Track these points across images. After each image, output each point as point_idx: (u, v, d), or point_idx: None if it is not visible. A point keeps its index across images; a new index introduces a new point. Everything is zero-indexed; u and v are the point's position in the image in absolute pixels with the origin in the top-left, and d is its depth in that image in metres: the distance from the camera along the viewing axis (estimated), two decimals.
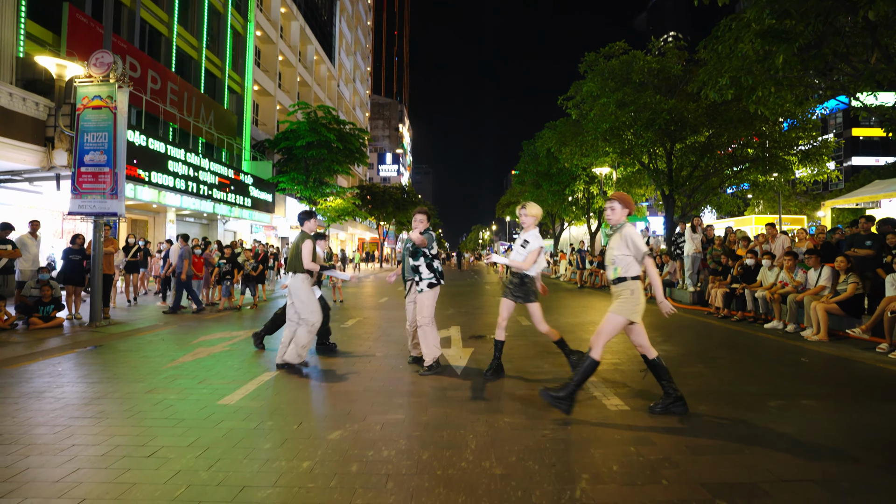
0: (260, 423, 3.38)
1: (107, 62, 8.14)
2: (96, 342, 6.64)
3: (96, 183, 8.07)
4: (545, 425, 3.34)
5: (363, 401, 3.93)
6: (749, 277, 8.51)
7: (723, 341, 6.76)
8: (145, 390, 4.22)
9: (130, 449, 2.95)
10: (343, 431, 3.22)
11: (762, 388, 4.35)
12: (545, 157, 20.96)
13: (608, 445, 3.00)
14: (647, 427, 3.30)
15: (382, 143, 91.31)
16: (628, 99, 12.11)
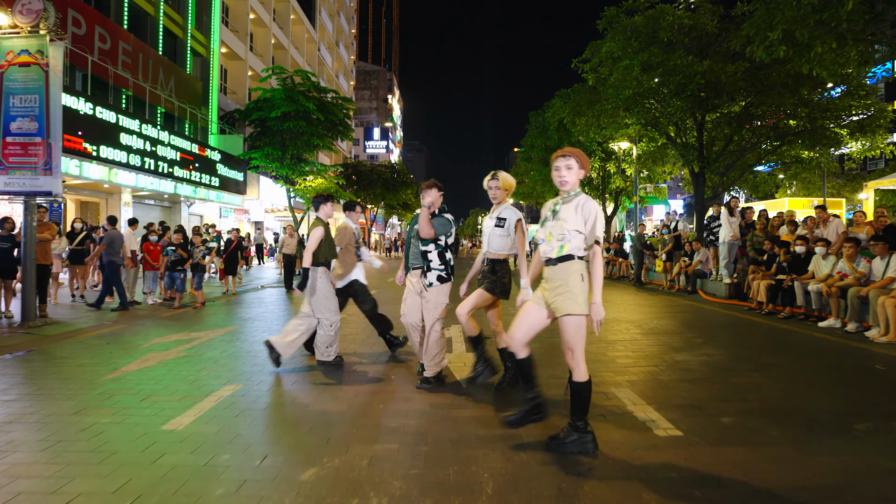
0: (213, 458, 2.91)
1: (35, 9, 7.52)
2: (26, 346, 6.14)
3: (26, 156, 7.50)
4: (580, 459, 2.89)
5: (346, 424, 3.47)
6: (799, 268, 8.09)
7: (773, 343, 6.36)
8: (73, 411, 3.74)
9: (37, 498, 2.47)
10: (319, 469, 2.76)
11: (836, 403, 3.93)
12: (555, 131, 20.33)
13: (665, 488, 2.55)
14: (710, 460, 2.86)
15: (370, 116, 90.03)
16: (655, 60, 11.53)
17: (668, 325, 7.55)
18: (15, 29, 7.56)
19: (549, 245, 3.03)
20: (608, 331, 7.00)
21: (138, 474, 2.71)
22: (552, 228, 3.04)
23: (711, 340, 6.41)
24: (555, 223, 3.03)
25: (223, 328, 7.42)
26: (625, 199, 23.85)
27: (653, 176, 20.90)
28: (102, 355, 5.67)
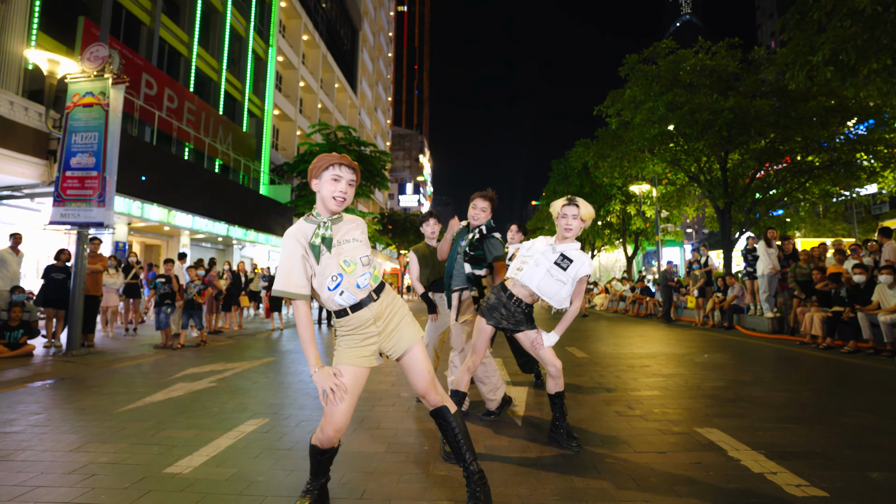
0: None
1: (101, 56, 7.31)
2: (60, 374, 5.44)
3: (82, 189, 7.08)
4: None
5: (386, 471, 2.55)
6: (858, 298, 6.88)
7: (864, 382, 5.12)
8: (72, 447, 2.93)
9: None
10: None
11: None
12: (577, 176, 19.66)
13: None
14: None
15: (403, 173, 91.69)
16: (680, 100, 10.80)
17: (721, 358, 6.39)
18: (83, 74, 7.35)
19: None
20: (659, 364, 5.91)
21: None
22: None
23: (782, 376, 5.25)
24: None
25: (260, 359, 6.62)
26: (644, 241, 22.68)
27: (671, 218, 19.80)
28: (131, 384, 4.91)
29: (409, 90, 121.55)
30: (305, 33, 29.57)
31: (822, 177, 11.41)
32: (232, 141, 20.28)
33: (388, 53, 60.30)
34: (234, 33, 21.26)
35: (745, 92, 11.38)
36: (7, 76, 10.63)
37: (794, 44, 6.90)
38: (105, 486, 2.35)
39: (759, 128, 10.53)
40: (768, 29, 69.49)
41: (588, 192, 20.23)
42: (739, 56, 12.10)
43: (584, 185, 19.70)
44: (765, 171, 11.57)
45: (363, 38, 45.08)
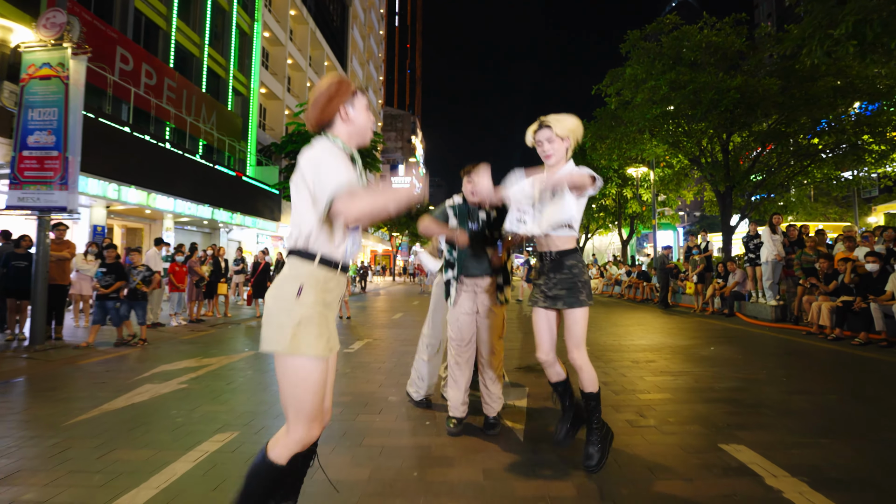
0: None
1: (59, 22, 6.63)
2: (15, 374, 4.96)
3: (42, 170, 6.49)
4: None
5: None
6: (870, 288, 6.55)
7: (884, 379, 4.80)
8: (4, 473, 2.48)
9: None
10: None
11: None
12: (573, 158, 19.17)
13: None
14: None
15: (395, 154, 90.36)
16: (684, 79, 10.29)
17: (728, 351, 6.05)
18: (40, 43, 6.67)
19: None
20: (664, 358, 5.55)
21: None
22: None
23: (796, 373, 4.91)
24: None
25: (240, 353, 6.18)
26: (639, 224, 22.35)
27: (668, 202, 19.44)
28: (92, 386, 4.45)
29: (402, 69, 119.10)
30: (293, 8, 28.39)
31: (826, 160, 11.02)
32: (216, 120, 19.46)
33: (379, 31, 58.63)
34: (216, 6, 20.23)
35: (749, 71, 10.88)
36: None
37: (813, 17, 6.41)
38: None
39: (765, 108, 10.07)
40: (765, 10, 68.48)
41: None
42: (745, 33, 11.56)
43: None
44: (766, 153, 11.14)
45: (353, 13, 43.63)
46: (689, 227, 43.72)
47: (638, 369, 4.99)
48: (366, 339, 7.28)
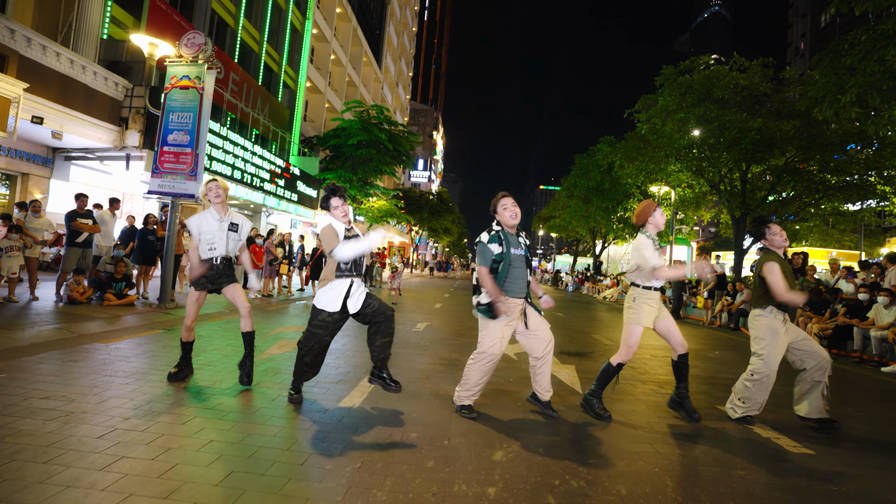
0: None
1: (198, 42, 8.09)
2: (169, 325, 6.45)
3: (177, 163, 7.97)
4: (734, 464, 2.87)
5: (496, 416, 3.52)
6: (858, 313, 7.82)
7: (846, 382, 6.11)
8: (241, 389, 3.90)
9: (275, 452, 2.61)
10: (505, 453, 2.82)
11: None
12: (598, 172, 20.38)
13: (833, 499, 2.51)
14: (866, 479, 2.80)
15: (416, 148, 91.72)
16: (710, 115, 11.52)
17: (729, 355, 7.38)
18: (180, 58, 8.14)
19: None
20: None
21: (347, 441, 2.82)
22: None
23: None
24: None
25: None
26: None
27: (685, 219, 20.60)
28: (238, 339, 5.88)
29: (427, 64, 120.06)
30: (339, 6, 29.80)
31: (835, 195, 12.21)
32: (268, 112, 20.96)
33: (412, 28, 59.88)
34: (275, 5, 21.70)
35: (772, 110, 12.07)
36: (87, 45, 11.38)
37: (826, 82, 7.64)
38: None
39: (781, 147, 11.29)
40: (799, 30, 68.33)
41: (608, 188, 21.01)
42: (771, 75, 12.73)
43: (604, 180, 20.44)
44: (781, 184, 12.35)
45: (391, 11, 44.94)
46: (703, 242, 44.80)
47: (656, 361, 6.34)
48: (426, 322, 8.69)
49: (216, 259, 3.83)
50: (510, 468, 2.60)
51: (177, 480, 2.20)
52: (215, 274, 3.85)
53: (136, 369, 4.04)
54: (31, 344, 4.55)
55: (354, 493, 2.22)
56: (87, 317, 6.15)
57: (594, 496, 2.34)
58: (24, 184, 11.06)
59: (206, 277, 3.84)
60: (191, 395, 3.45)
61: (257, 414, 3.20)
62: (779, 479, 2.71)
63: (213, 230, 3.82)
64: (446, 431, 3.10)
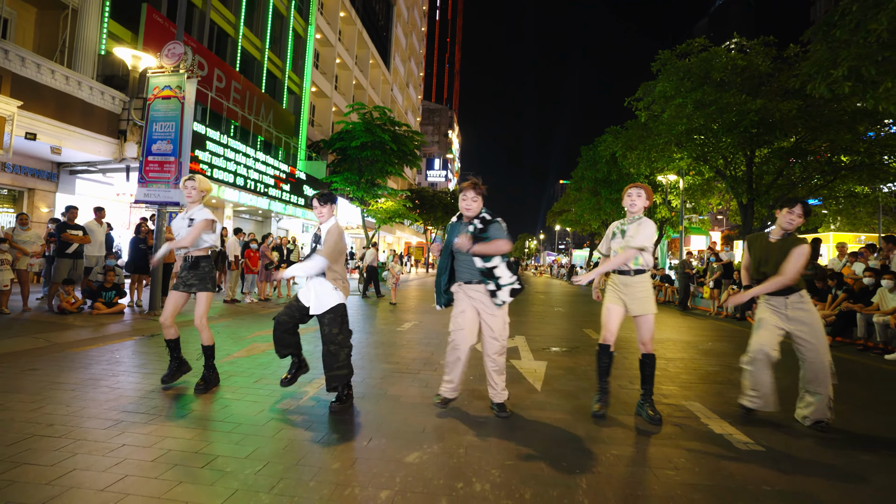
0: (324, 435, 2.95)
1: (177, 52, 8.19)
2: (152, 331, 6.55)
3: (161, 172, 8.10)
4: (665, 463, 2.71)
5: (436, 418, 3.43)
6: (863, 298, 7.41)
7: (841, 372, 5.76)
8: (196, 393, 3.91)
9: (184, 456, 2.58)
10: (421, 454, 2.73)
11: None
12: (605, 164, 19.95)
13: (759, 499, 2.34)
14: (799, 476, 2.61)
15: (431, 148, 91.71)
16: (709, 98, 11.09)
17: (723, 347, 7.08)
18: (161, 69, 8.27)
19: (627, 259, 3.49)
20: (665, 349, 6.65)
21: (263, 444, 2.78)
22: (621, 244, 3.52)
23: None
24: (624, 241, 3.51)
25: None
26: (668, 229, 22.90)
27: (697, 207, 19.98)
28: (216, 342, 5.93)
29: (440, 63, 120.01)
30: (342, 10, 30.00)
31: (847, 176, 11.61)
32: (273, 118, 21.25)
33: (421, 28, 59.91)
34: (276, 12, 21.97)
35: (776, 89, 11.53)
36: (84, 61, 11.72)
37: (819, 56, 7.24)
38: (239, 413, 3.31)
39: (784, 129, 10.77)
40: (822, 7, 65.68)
41: (615, 179, 20.53)
42: (774, 54, 12.18)
43: (611, 172, 19.99)
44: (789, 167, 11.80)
45: (398, 12, 45.04)
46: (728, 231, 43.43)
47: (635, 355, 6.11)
48: (413, 322, 8.63)
49: (186, 256, 3.96)
50: (418, 471, 2.51)
51: (60, 486, 2.19)
52: (184, 280, 3.93)
53: (89, 377, 4.09)
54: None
55: (241, 495, 2.17)
56: (70, 326, 6.30)
57: (491, 500, 2.23)
58: (31, 199, 11.45)
59: (180, 277, 3.95)
60: (132, 399, 3.47)
61: (186, 417, 3.19)
62: (706, 480, 2.54)
63: (180, 226, 3.95)
64: (373, 432, 3.03)
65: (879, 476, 2.67)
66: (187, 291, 3.95)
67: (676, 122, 11.72)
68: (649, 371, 3.53)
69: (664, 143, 12.53)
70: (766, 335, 3.53)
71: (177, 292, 3.94)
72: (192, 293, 3.96)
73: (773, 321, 3.55)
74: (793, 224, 3.52)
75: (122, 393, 3.64)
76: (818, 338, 3.40)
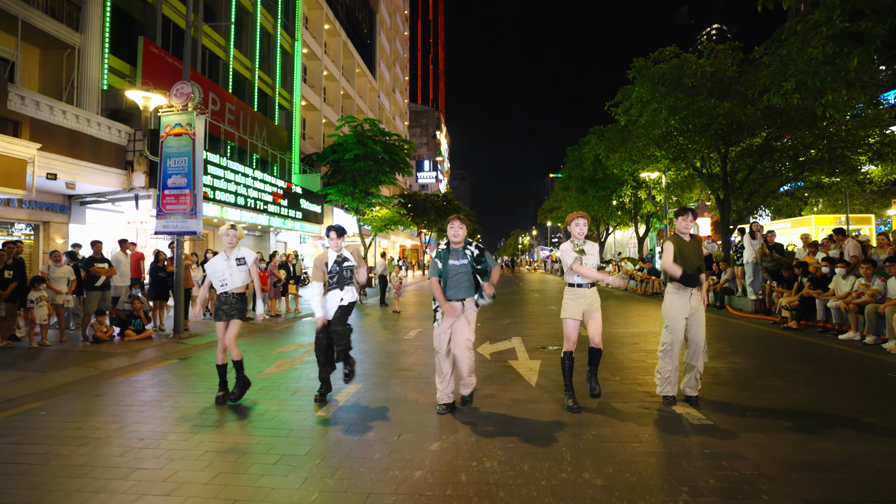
0: (363, 434, 3.68)
1: (186, 92, 8.86)
2: (185, 353, 7.24)
3: (178, 204, 8.77)
4: (633, 438, 3.47)
5: (450, 414, 4.17)
6: (821, 285, 8.24)
7: (795, 353, 6.62)
8: (248, 401, 4.63)
9: (253, 458, 3.30)
10: (442, 443, 3.47)
11: (849, 403, 4.29)
12: (590, 164, 20.77)
13: (700, 459, 3.11)
14: (735, 442, 3.38)
15: (420, 149, 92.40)
16: (681, 104, 11.91)
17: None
18: (171, 108, 8.93)
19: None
20: (646, 342, 7.43)
21: (315, 443, 3.51)
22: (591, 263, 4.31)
23: (739, 351, 6.74)
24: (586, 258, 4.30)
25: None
26: (655, 221, 23.76)
27: (681, 200, 20.86)
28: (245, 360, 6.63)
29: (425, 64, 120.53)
30: (327, 23, 30.60)
31: (814, 168, 12.47)
32: (266, 135, 21.86)
33: (403, 32, 60.48)
34: (263, 31, 22.56)
35: (742, 92, 12.37)
36: (89, 97, 12.33)
37: (772, 69, 8.04)
38: (288, 420, 4.03)
39: (751, 129, 11.61)
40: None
41: (601, 178, 21.39)
42: (741, 57, 13.03)
43: (597, 171, 20.82)
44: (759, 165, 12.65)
45: (380, 19, 45.64)
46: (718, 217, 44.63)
47: (624, 349, 6.89)
48: (419, 329, 9.36)
49: (229, 292, 4.68)
50: (441, 455, 3.25)
51: (176, 482, 2.91)
52: (229, 307, 4.68)
53: (149, 398, 4.79)
54: (63, 383, 5.36)
55: (310, 482, 2.90)
56: (110, 353, 6.97)
57: (499, 472, 2.98)
58: (46, 231, 12.05)
59: (222, 310, 4.70)
60: (196, 415, 4.18)
61: (248, 426, 3.91)
62: (662, 448, 3.31)
63: (222, 269, 4.70)
64: (401, 429, 3.77)
65: (796, 436, 3.44)
66: (228, 318, 4.67)
67: (653, 126, 12.53)
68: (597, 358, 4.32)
69: (643, 144, 13.34)
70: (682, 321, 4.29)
71: (221, 322, 4.68)
72: (231, 319, 4.69)
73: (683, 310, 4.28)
74: (689, 228, 4.39)
75: (185, 411, 4.35)
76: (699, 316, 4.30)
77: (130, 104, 12.80)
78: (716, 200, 14.07)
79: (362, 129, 22.34)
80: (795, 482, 2.79)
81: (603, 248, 31.40)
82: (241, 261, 4.70)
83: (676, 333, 4.28)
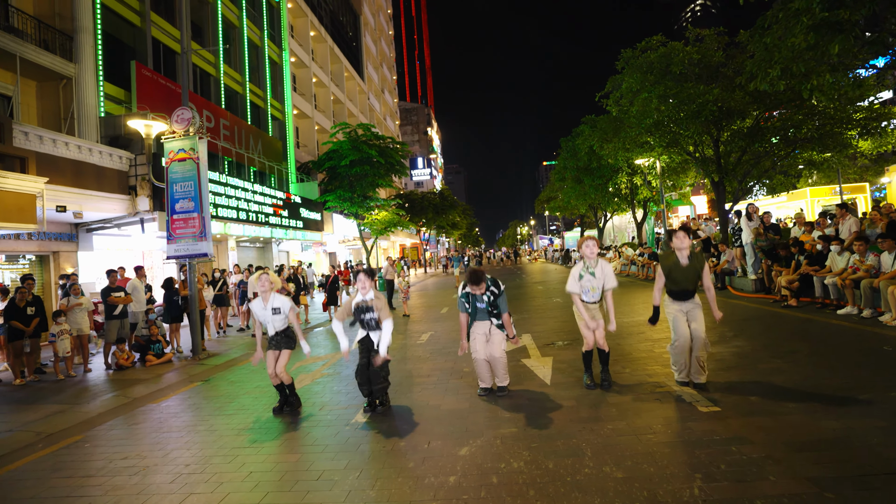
0: (394, 445, 3.93)
1: (187, 118, 9.04)
2: (207, 374, 7.48)
3: (187, 228, 8.99)
4: (647, 430, 3.72)
5: (473, 418, 4.42)
6: (818, 262, 8.48)
7: (796, 332, 6.86)
8: (280, 420, 4.87)
9: (297, 473, 3.55)
10: (470, 448, 3.72)
11: (846, 381, 4.53)
12: (584, 154, 20.96)
13: (710, 446, 3.35)
14: (742, 427, 3.63)
15: (413, 147, 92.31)
16: (671, 92, 12.10)
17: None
18: (173, 134, 9.12)
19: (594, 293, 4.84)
20: (652, 330, 7.67)
21: (352, 457, 3.76)
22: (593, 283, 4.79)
23: (741, 333, 6.98)
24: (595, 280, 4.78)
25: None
26: (652, 206, 24.00)
27: (677, 184, 21.08)
28: (264, 379, 6.85)
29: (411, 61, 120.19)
30: (312, 29, 30.63)
31: (804, 146, 12.68)
32: (261, 147, 22.02)
33: (388, 31, 60.36)
34: (251, 44, 22.66)
35: (730, 76, 12.58)
36: (88, 126, 12.50)
37: (758, 57, 8.25)
38: (323, 434, 4.28)
39: (742, 114, 11.81)
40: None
41: (596, 167, 21.58)
42: (726, 41, 13.21)
43: (591, 160, 21.01)
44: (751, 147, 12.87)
45: (364, 21, 45.57)
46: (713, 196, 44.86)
47: (631, 339, 7.14)
48: (430, 332, 9.61)
49: (272, 333, 5.10)
50: (471, 459, 3.50)
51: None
52: (276, 341, 5.09)
53: (185, 423, 5.04)
54: (98, 414, 5.60)
55: (354, 495, 3.15)
56: (136, 380, 7.22)
57: (526, 472, 3.23)
58: (56, 261, 12.26)
59: (272, 342, 5.11)
60: (232, 436, 4.42)
61: (284, 444, 4.15)
62: (675, 437, 3.56)
63: (263, 316, 5.08)
64: (429, 437, 4.02)
65: (798, 417, 3.70)
66: (277, 349, 5.04)
67: (644, 115, 12.73)
68: (606, 358, 4.98)
69: (636, 133, 13.54)
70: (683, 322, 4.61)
71: (272, 351, 5.06)
72: (280, 350, 5.05)
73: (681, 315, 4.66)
74: (684, 244, 4.63)
75: (222, 434, 4.59)
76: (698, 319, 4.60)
77: (129, 129, 13.02)
78: (710, 183, 14.29)
79: (356, 135, 22.51)
80: (799, 462, 3.04)
81: (602, 234, 31.63)
82: (276, 310, 5.03)
83: (679, 329, 4.54)
